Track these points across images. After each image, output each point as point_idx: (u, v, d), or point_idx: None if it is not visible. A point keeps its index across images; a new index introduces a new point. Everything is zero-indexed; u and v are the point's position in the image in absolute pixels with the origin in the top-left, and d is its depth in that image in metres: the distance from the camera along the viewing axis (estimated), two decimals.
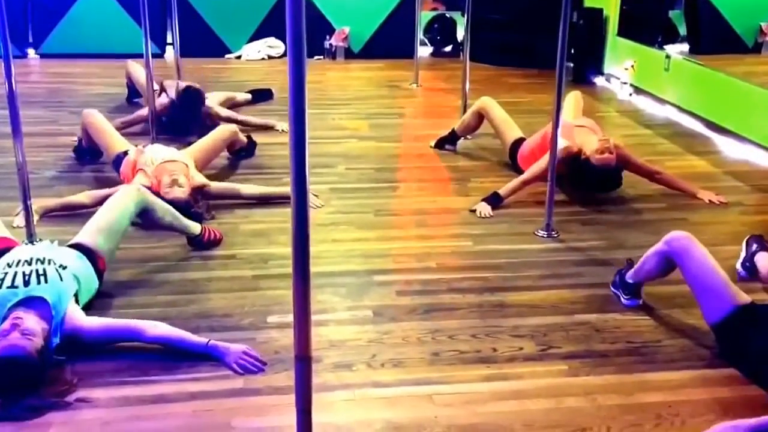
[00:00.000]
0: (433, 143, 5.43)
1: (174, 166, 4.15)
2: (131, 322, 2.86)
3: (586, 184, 4.43)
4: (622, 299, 3.29)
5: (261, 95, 6.69)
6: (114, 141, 4.62)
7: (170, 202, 3.85)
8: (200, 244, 3.72)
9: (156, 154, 4.28)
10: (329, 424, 2.46)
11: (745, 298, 2.88)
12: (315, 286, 3.30)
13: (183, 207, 3.88)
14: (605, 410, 2.58)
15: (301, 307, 1.98)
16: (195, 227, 3.71)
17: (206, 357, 2.79)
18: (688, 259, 2.96)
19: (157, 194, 3.86)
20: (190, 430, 2.43)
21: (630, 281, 3.27)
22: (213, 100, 5.80)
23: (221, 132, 4.85)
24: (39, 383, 2.53)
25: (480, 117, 5.22)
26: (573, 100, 5.17)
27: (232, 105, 6.21)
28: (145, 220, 3.58)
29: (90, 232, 3.21)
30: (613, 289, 3.37)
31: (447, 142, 5.41)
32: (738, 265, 3.49)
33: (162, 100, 5.45)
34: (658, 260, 3.11)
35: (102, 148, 4.72)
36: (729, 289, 2.88)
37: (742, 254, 3.51)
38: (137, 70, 6.00)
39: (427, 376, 2.75)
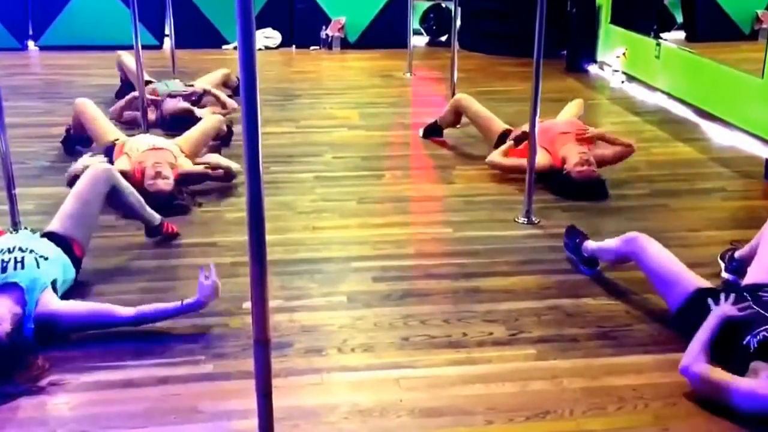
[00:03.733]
0: (421, 132, 5.46)
1: (159, 154, 4.17)
2: (106, 305, 2.91)
3: (571, 196, 4.33)
4: (581, 267, 3.45)
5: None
6: (105, 130, 4.66)
7: (154, 194, 3.88)
8: (159, 234, 3.70)
9: (142, 140, 4.32)
10: (294, 407, 2.50)
11: (704, 282, 2.92)
12: (293, 272, 3.43)
13: (166, 199, 3.91)
14: (570, 393, 2.61)
15: (258, 292, 2.03)
16: (156, 217, 3.68)
17: (188, 312, 2.93)
18: (645, 256, 3.07)
19: (140, 184, 3.91)
20: (156, 414, 2.48)
21: (586, 255, 3.42)
22: (205, 81, 5.96)
23: (209, 122, 4.87)
24: (11, 369, 2.57)
25: (457, 113, 5.26)
26: (574, 109, 5.05)
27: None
28: (111, 201, 3.52)
29: (62, 219, 3.22)
30: (568, 253, 3.54)
31: (433, 131, 5.43)
32: (723, 274, 3.40)
33: (151, 117, 5.32)
34: (615, 256, 3.27)
35: (93, 137, 4.73)
36: (687, 275, 2.95)
37: (722, 265, 3.43)
38: (130, 61, 5.98)
39: (395, 361, 2.79)
